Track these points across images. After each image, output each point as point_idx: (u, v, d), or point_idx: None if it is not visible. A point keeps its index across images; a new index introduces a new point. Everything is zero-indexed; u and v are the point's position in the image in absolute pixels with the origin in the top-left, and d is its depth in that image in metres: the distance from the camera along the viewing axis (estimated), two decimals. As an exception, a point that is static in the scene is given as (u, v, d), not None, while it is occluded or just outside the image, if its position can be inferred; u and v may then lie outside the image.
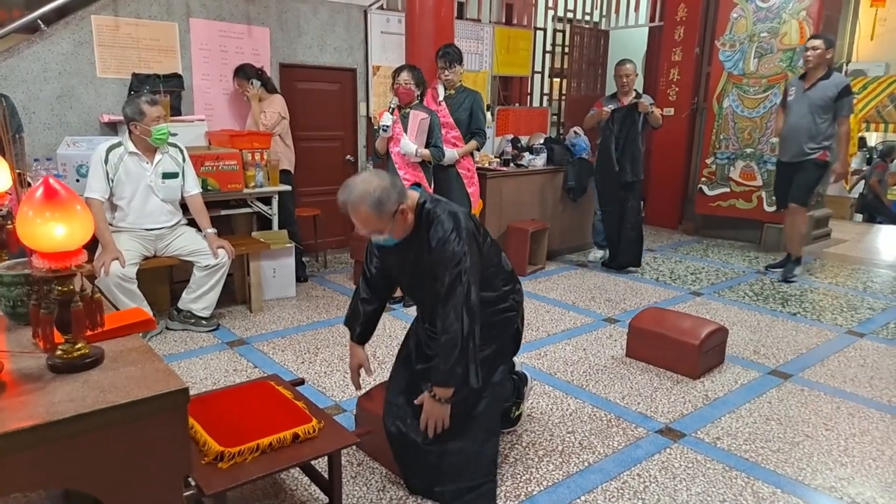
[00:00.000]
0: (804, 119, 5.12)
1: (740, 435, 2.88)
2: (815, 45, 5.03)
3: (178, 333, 3.93)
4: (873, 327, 4.34)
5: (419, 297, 2.53)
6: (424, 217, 2.25)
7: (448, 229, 2.19)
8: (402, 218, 2.20)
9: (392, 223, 2.18)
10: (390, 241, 2.25)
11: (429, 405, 2.25)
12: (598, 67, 8.03)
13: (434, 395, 2.22)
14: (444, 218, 2.22)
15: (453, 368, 2.15)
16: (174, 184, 3.78)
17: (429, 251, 2.21)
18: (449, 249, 2.17)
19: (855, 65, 12.20)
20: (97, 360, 1.49)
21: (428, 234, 2.22)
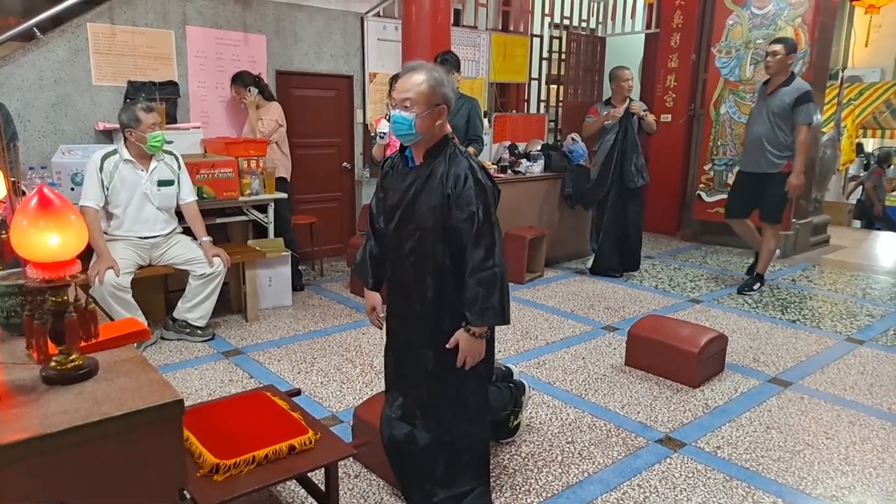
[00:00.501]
0: (764, 127, 4.88)
1: (741, 444, 2.86)
2: (774, 49, 4.78)
3: (173, 343, 3.90)
4: (872, 334, 4.33)
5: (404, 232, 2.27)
6: (450, 149, 2.20)
7: (473, 167, 2.18)
8: (436, 116, 2.15)
9: (427, 110, 2.12)
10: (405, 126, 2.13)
11: (466, 342, 2.18)
12: (594, 74, 8.04)
13: (471, 331, 2.17)
14: (467, 159, 2.20)
15: (492, 303, 2.13)
16: (169, 191, 3.76)
17: (445, 180, 2.15)
18: (472, 184, 2.13)
19: (851, 71, 12.27)
20: (91, 371, 1.47)
21: (448, 165, 2.17)
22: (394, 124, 2.17)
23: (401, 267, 2.32)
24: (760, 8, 6.34)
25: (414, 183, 2.22)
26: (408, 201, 2.23)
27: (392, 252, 2.36)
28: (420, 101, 2.11)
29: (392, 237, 2.33)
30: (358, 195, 6.03)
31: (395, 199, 2.29)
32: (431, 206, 2.18)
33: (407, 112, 2.12)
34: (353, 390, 3.32)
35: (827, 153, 7.34)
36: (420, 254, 2.23)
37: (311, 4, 5.41)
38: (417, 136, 2.16)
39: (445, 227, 2.17)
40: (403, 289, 2.33)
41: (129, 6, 4.51)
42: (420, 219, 2.21)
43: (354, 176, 5.99)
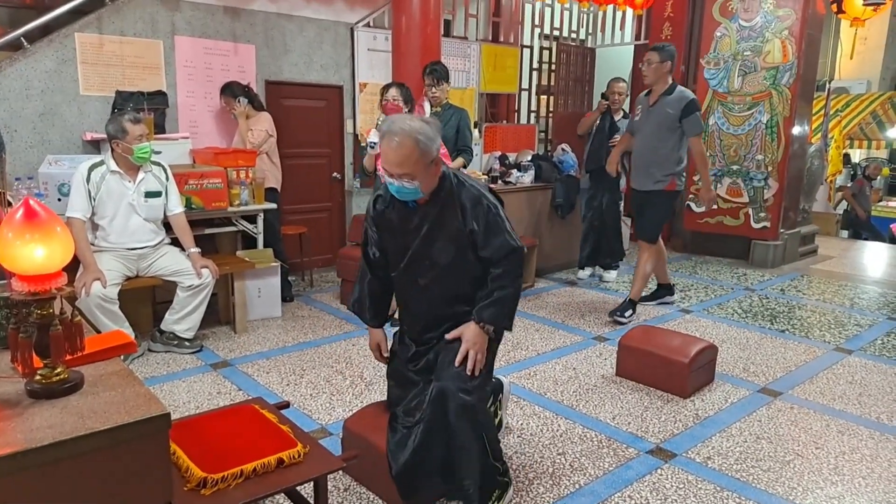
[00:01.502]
0: (648, 141, 4.54)
1: (731, 454, 2.86)
2: (648, 58, 4.47)
3: (160, 355, 3.86)
4: (861, 344, 4.36)
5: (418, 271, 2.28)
6: (450, 181, 2.21)
7: (481, 191, 2.22)
8: (436, 169, 2.16)
9: (426, 172, 2.11)
10: (412, 195, 2.15)
11: (474, 334, 2.20)
12: (584, 85, 8.09)
13: (483, 325, 2.20)
14: (470, 186, 2.22)
15: (508, 313, 2.22)
16: (157, 202, 3.73)
17: (462, 216, 2.18)
18: (493, 210, 2.18)
19: (837, 83, 12.43)
20: (77, 384, 1.46)
21: (459, 199, 2.19)
22: (398, 192, 2.15)
23: (417, 301, 2.34)
24: (748, 20, 6.41)
25: (425, 222, 2.21)
26: (421, 240, 2.22)
27: (405, 287, 2.36)
28: (418, 171, 2.09)
29: (402, 276, 2.32)
30: (348, 205, 6.01)
31: (404, 240, 2.26)
32: (449, 242, 2.19)
33: (410, 183, 2.11)
34: (342, 402, 3.30)
35: (814, 164, 7.41)
36: (437, 288, 2.26)
37: (301, 14, 5.42)
38: (425, 194, 2.17)
39: (465, 260, 2.21)
40: (421, 319, 2.36)
41: (117, 16, 4.50)
42: (436, 256, 2.22)
43: (345, 186, 5.98)
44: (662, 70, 4.43)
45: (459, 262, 2.20)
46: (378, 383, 3.53)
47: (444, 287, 2.25)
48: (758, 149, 6.46)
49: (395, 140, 2.07)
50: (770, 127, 6.37)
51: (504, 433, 2.95)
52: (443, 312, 2.29)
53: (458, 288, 2.25)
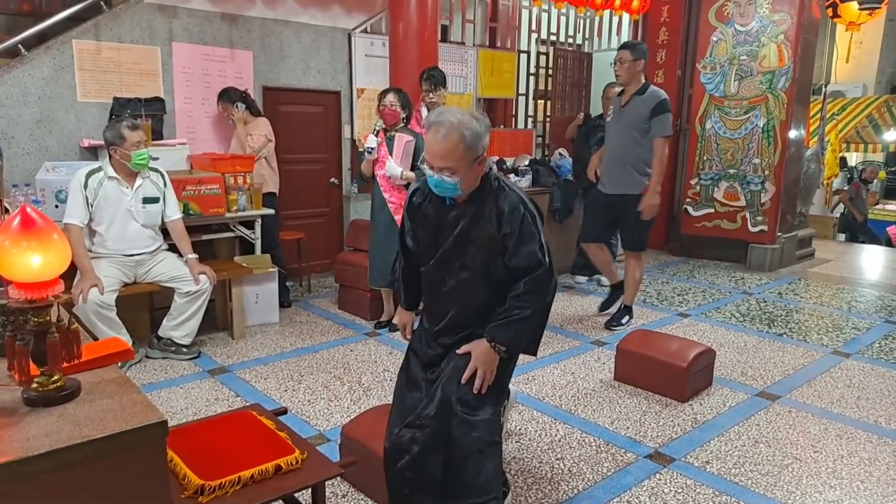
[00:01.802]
0: (623, 143, 4.39)
1: (729, 458, 2.86)
2: (620, 56, 4.32)
3: (158, 362, 3.85)
4: (858, 347, 4.36)
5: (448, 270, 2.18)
6: (492, 183, 2.11)
7: (523, 199, 2.11)
8: (479, 168, 2.06)
9: (469, 168, 2.02)
10: (451, 191, 2.04)
11: (484, 353, 2.08)
12: (581, 89, 8.10)
13: (494, 345, 2.08)
14: (513, 191, 2.13)
15: (524, 336, 2.09)
16: (155, 209, 3.73)
17: (498, 220, 2.06)
18: (530, 220, 2.06)
19: (833, 86, 12.46)
20: (73, 392, 1.45)
21: (498, 202, 2.07)
22: (436, 186, 2.06)
23: (442, 302, 2.23)
24: (744, 25, 6.44)
25: (460, 221, 2.11)
26: (454, 239, 2.13)
27: (431, 285, 2.26)
28: (461, 166, 2.00)
29: (432, 272, 2.23)
30: (346, 211, 6.02)
31: (434, 237, 2.18)
32: (482, 245, 2.09)
33: (450, 178, 2.01)
34: (340, 408, 3.29)
35: (811, 167, 7.43)
36: (463, 292, 2.16)
37: (298, 21, 5.43)
38: (464, 192, 2.07)
39: (495, 267, 2.10)
40: (441, 320, 2.24)
41: (114, 23, 4.51)
42: (467, 259, 2.12)
43: (342, 191, 5.98)
44: (635, 69, 4.30)
45: (489, 269, 2.11)
46: (376, 389, 3.53)
47: (470, 292, 2.16)
48: (754, 153, 6.48)
49: (441, 131, 1.99)
50: (766, 131, 6.39)
51: (503, 438, 2.93)
52: (464, 318, 2.19)
53: (484, 296, 2.15)
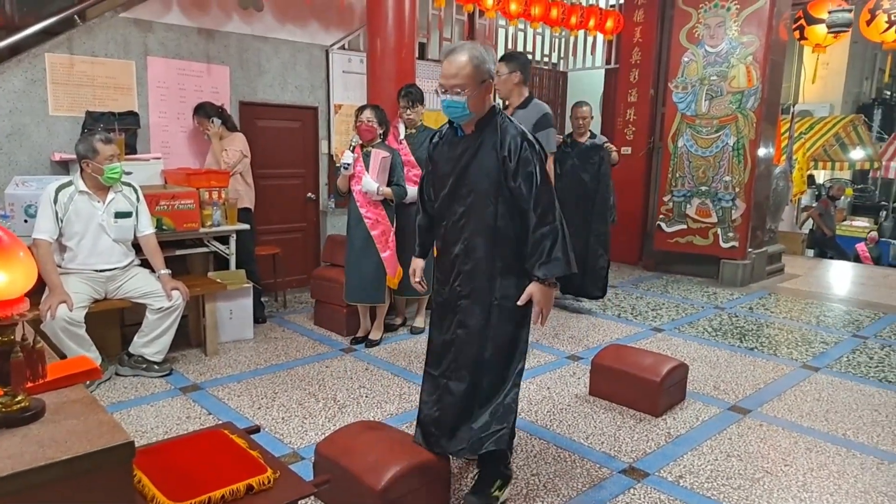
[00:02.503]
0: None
1: (702, 472, 2.89)
2: (497, 69, 3.86)
3: (128, 379, 3.78)
4: (827, 361, 4.45)
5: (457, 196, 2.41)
6: (498, 118, 2.38)
7: (524, 132, 2.37)
8: (485, 92, 2.32)
9: (476, 89, 2.28)
10: (460, 111, 2.30)
11: (540, 293, 2.35)
12: (557, 107, 8.22)
13: (543, 281, 2.33)
14: (516, 126, 2.38)
15: (556, 255, 2.31)
16: (127, 223, 3.68)
17: (501, 145, 2.31)
18: (527, 147, 2.31)
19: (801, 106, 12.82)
20: (38, 413, 1.42)
21: (500, 132, 2.33)
22: (447, 108, 2.32)
23: (453, 229, 2.45)
24: (714, 46, 6.60)
25: (466, 150, 2.38)
26: (461, 167, 2.38)
27: (442, 217, 2.49)
28: (469, 84, 2.26)
29: (443, 203, 2.47)
30: (323, 225, 6.00)
31: (448, 168, 2.44)
32: (486, 169, 2.34)
33: (458, 96, 2.27)
34: (315, 425, 3.26)
35: (780, 185, 7.61)
36: (471, 216, 2.38)
37: (276, 37, 5.44)
38: (471, 115, 2.32)
39: (500, 189, 2.33)
40: (452, 249, 2.46)
41: (88, 37, 4.47)
42: (474, 182, 2.36)
43: (319, 206, 5.97)
44: (511, 82, 4.00)
45: (495, 191, 2.34)
46: (351, 406, 3.50)
47: (479, 214, 2.37)
48: (725, 170, 6.62)
49: (452, 53, 2.29)
50: (737, 149, 6.54)
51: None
52: (473, 241, 2.39)
53: (490, 219, 2.36)
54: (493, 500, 2.53)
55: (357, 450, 2.46)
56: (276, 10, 5.39)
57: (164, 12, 4.79)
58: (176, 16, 4.85)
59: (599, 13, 7.30)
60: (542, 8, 6.69)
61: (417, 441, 2.57)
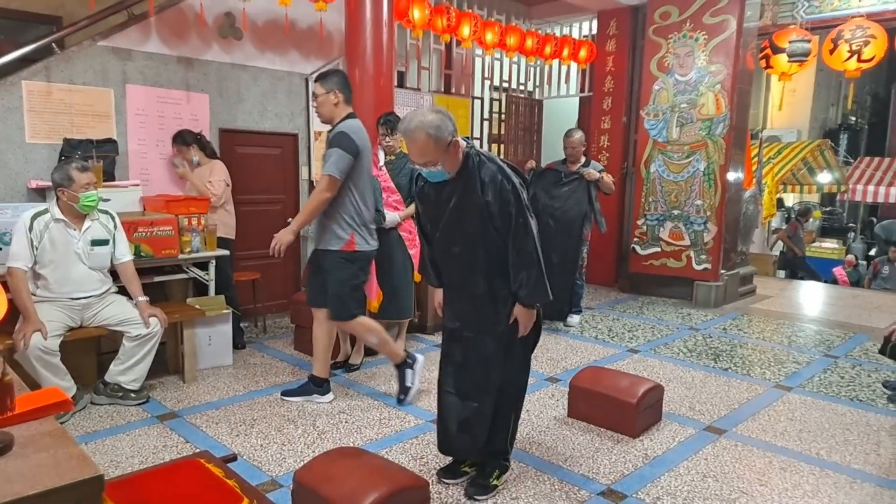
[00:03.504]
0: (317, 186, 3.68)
1: (679, 494, 2.92)
2: (314, 90, 3.69)
3: (104, 408, 3.72)
4: (799, 381, 4.53)
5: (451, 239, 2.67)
6: (473, 160, 2.56)
7: (502, 168, 2.56)
8: (455, 151, 2.53)
9: (446, 155, 2.50)
10: (441, 176, 2.54)
11: (524, 315, 2.65)
12: (533, 134, 8.37)
13: (525, 304, 2.62)
14: (492, 162, 2.58)
15: (536, 284, 2.56)
16: (104, 251, 3.67)
17: (481, 190, 2.51)
18: (507, 187, 2.50)
19: (770, 131, 13.18)
20: (6, 446, 1.41)
21: (479, 175, 2.53)
22: (430, 177, 2.57)
23: (452, 269, 2.74)
24: (683, 75, 6.79)
25: (453, 195, 2.58)
26: (450, 211, 2.60)
27: (441, 255, 2.76)
28: (438, 155, 2.49)
29: (439, 242, 2.72)
30: (303, 251, 6.00)
31: (436, 211, 2.67)
32: (473, 212, 2.55)
33: (435, 167, 2.51)
34: (294, 452, 3.24)
35: (750, 208, 7.80)
36: (468, 256, 2.63)
37: (255, 65, 5.49)
38: (451, 173, 2.56)
39: (487, 228, 2.54)
40: (456, 286, 2.77)
41: (66, 64, 4.48)
42: (464, 225, 2.60)
43: (300, 232, 5.97)
44: (330, 102, 3.58)
45: (484, 231, 2.56)
46: (331, 432, 3.49)
47: (473, 254, 2.62)
48: (696, 194, 6.78)
49: (411, 136, 2.49)
50: (707, 174, 6.71)
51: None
52: (473, 279, 2.66)
53: (485, 255, 2.60)
54: (492, 488, 2.85)
55: (336, 477, 2.45)
56: (255, 39, 5.46)
57: (144, 41, 4.83)
58: (155, 44, 4.89)
59: (573, 43, 7.50)
60: (518, 38, 6.85)
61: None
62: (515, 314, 2.65)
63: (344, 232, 3.62)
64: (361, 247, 3.67)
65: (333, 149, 3.48)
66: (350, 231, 3.62)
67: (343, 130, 3.54)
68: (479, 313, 2.71)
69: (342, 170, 3.50)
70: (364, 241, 3.69)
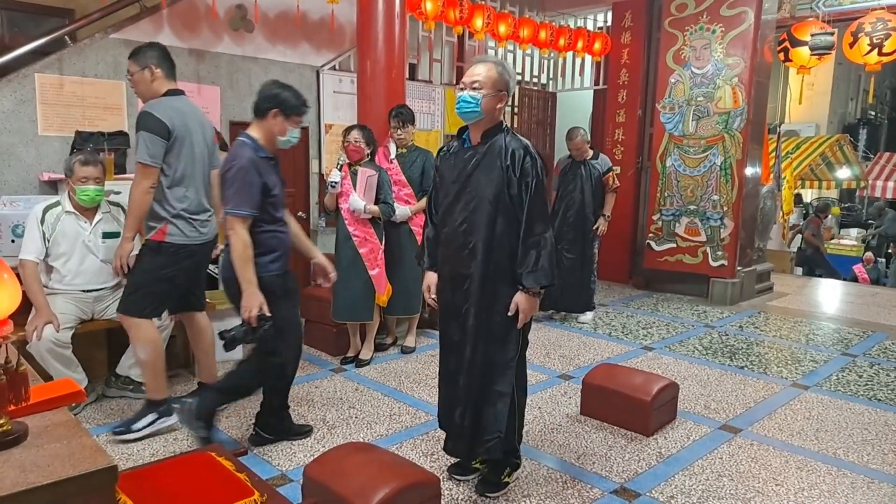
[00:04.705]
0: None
1: (693, 493, 2.87)
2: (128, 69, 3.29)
3: (115, 401, 3.73)
4: (817, 379, 4.46)
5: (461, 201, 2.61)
6: (506, 134, 2.57)
7: (528, 145, 2.55)
8: (498, 100, 2.54)
9: (490, 95, 2.50)
10: (474, 105, 2.49)
11: (525, 301, 2.55)
12: (546, 127, 8.30)
13: (528, 291, 2.53)
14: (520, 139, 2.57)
15: (542, 265, 2.49)
16: (115, 244, 3.65)
17: (505, 154, 2.50)
18: (528, 162, 2.49)
19: (788, 126, 12.99)
20: (20, 437, 1.41)
21: (506, 142, 2.53)
22: (460, 103, 2.52)
23: (453, 234, 2.64)
24: (700, 68, 6.69)
25: (473, 158, 2.57)
26: (467, 174, 2.57)
27: (444, 223, 2.69)
28: (488, 84, 2.48)
29: (446, 209, 2.66)
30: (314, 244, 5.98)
31: (453, 175, 2.63)
32: (490, 176, 2.51)
33: (475, 92, 2.48)
34: (303, 447, 3.23)
35: (767, 204, 7.68)
36: (472, 221, 2.56)
37: (266, 57, 5.47)
38: (481, 115, 2.52)
39: (501, 197, 2.50)
40: (453, 256, 2.66)
41: (79, 57, 4.48)
42: (478, 189, 2.54)
43: (310, 225, 5.97)
44: (146, 79, 3.22)
45: (497, 198, 2.51)
46: (341, 427, 3.47)
47: (479, 222, 2.54)
48: (713, 189, 6.68)
49: (482, 60, 2.55)
50: (724, 169, 6.61)
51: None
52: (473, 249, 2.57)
53: (490, 226, 2.53)
54: (503, 485, 2.81)
55: (346, 472, 2.43)
56: (266, 32, 5.43)
57: (155, 33, 4.81)
58: (167, 37, 4.88)
59: (587, 35, 7.40)
60: (531, 30, 6.77)
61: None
62: (517, 302, 2.56)
63: (156, 221, 3.18)
64: (174, 238, 3.15)
65: (139, 133, 3.09)
66: (164, 221, 3.16)
67: (145, 110, 3.12)
68: (469, 284, 2.61)
69: (154, 155, 3.07)
70: (180, 233, 3.17)
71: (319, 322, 4.78)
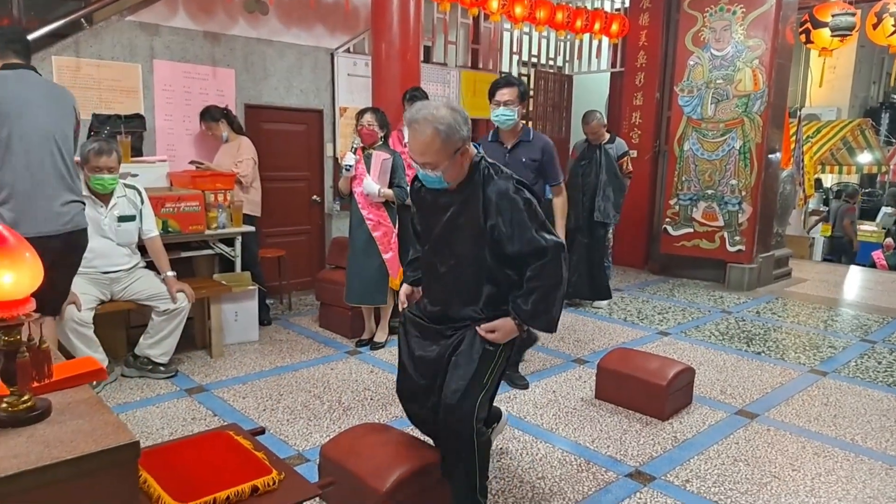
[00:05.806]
0: None
1: (709, 477, 2.87)
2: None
3: (134, 381, 3.78)
4: (835, 366, 4.41)
5: (440, 256, 2.27)
6: (481, 174, 2.16)
7: (510, 186, 2.14)
8: (461, 160, 2.11)
9: (450, 161, 2.07)
10: (438, 183, 2.13)
11: (507, 326, 2.19)
12: (562, 111, 8.22)
13: (518, 322, 2.19)
14: (502, 179, 2.16)
15: (546, 310, 2.15)
16: (131, 227, 3.69)
17: (484, 210, 2.13)
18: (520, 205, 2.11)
19: (808, 109, 12.76)
20: (44, 413, 1.42)
21: (485, 192, 2.13)
22: (425, 180, 2.17)
23: (437, 287, 2.32)
24: (720, 50, 6.58)
25: (450, 207, 2.19)
26: (444, 225, 2.21)
27: (428, 269, 2.35)
28: (441, 159, 2.06)
29: (428, 254, 2.33)
30: (328, 228, 6.00)
31: (431, 220, 2.27)
32: (469, 234, 2.17)
33: (434, 171, 2.09)
34: (319, 428, 3.26)
35: (787, 189, 7.57)
36: (453, 279, 2.24)
37: (281, 40, 5.45)
38: (451, 184, 2.15)
39: (482, 256, 2.16)
40: (436, 304, 2.33)
41: (95, 40, 4.49)
42: (457, 246, 2.21)
43: (324, 209, 5.98)
44: None
45: (477, 257, 2.18)
46: (356, 408, 3.50)
47: (460, 279, 2.24)
48: (731, 174, 6.59)
49: (416, 127, 2.06)
50: (743, 153, 6.51)
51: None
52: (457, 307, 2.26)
53: (473, 283, 2.22)
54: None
55: (362, 452, 2.45)
56: (281, 14, 5.41)
57: (171, 16, 4.81)
58: (182, 19, 4.88)
59: (604, 17, 7.30)
60: (547, 11, 6.68)
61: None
62: (497, 324, 2.20)
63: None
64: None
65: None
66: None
67: None
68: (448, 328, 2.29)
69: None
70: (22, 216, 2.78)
71: (335, 305, 4.80)
